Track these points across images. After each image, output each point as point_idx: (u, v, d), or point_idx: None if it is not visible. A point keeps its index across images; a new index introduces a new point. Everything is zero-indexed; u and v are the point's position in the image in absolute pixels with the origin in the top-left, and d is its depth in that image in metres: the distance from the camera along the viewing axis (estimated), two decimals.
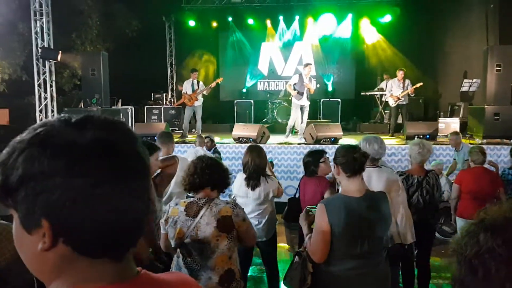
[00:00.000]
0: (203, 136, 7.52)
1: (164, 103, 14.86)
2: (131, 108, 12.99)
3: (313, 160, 4.04)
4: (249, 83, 15.71)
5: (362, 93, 13.36)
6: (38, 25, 10.55)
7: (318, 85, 14.05)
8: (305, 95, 9.22)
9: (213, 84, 10.36)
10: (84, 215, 0.66)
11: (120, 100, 13.33)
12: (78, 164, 0.65)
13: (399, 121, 10.56)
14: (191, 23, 15.13)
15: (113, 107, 12.08)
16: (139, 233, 0.75)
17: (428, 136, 8.80)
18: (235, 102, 14.07)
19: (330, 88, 15.07)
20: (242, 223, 2.60)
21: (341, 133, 8.99)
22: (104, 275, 0.72)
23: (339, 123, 10.71)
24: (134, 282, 0.76)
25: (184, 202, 2.64)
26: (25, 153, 0.66)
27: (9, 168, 0.66)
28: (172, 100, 15.62)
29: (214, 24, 15.24)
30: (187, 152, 6.57)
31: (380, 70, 14.34)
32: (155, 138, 4.74)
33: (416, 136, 8.65)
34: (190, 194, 4.51)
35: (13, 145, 0.68)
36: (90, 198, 0.65)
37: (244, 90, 15.58)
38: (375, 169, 3.49)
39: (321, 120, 12.79)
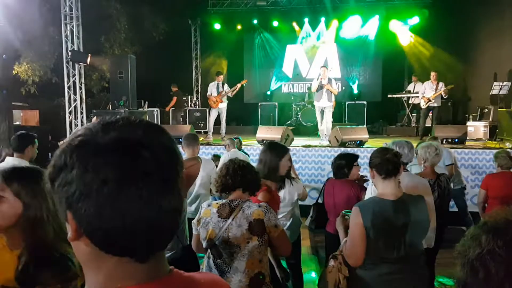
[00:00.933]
0: (232, 138, 7.38)
1: (189, 105, 15.02)
2: (157, 110, 13.19)
3: (346, 162, 4.00)
4: (273, 85, 15.71)
5: (389, 96, 13.17)
6: (68, 28, 10.82)
7: (343, 88, 13.94)
8: (325, 96, 9.21)
9: (238, 86, 10.40)
10: (95, 210, 0.67)
11: (146, 102, 13.55)
12: (91, 160, 0.67)
13: (428, 124, 10.38)
14: (217, 26, 15.25)
15: (139, 109, 12.27)
16: (160, 236, 0.74)
17: (456, 140, 8.61)
18: (259, 104, 14.09)
19: (355, 91, 14.91)
20: (274, 229, 2.56)
21: (367, 136, 8.87)
22: (132, 274, 0.73)
23: (365, 126, 10.59)
24: (164, 281, 0.76)
25: (217, 203, 2.65)
26: (61, 147, 0.72)
27: (53, 159, 0.72)
28: (197, 103, 15.77)
29: (239, 27, 15.34)
30: (224, 156, 6.40)
31: (408, 72, 14.12)
32: (180, 140, 4.78)
33: (445, 140, 8.50)
34: (213, 196, 4.54)
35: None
36: (100, 195, 0.67)
37: (269, 93, 15.60)
38: (406, 173, 3.44)
39: (346, 123, 12.68)
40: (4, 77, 8.16)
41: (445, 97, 10.11)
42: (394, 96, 13.00)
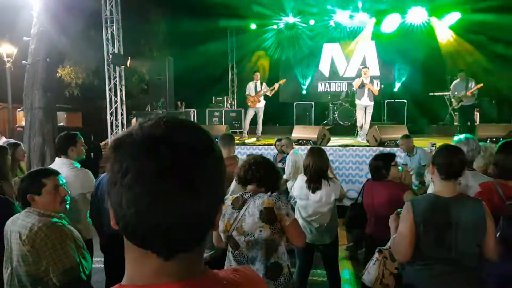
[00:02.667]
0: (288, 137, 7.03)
1: (225, 105, 15.13)
2: (193, 111, 13.36)
3: (383, 163, 3.88)
4: (309, 84, 15.58)
5: (430, 94, 12.79)
6: (109, 32, 11.12)
7: (382, 86, 13.65)
8: (366, 95, 9.08)
9: (276, 86, 10.34)
10: (116, 198, 0.70)
11: (183, 103, 13.76)
12: (120, 153, 0.71)
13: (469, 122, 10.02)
14: (252, 26, 15.27)
15: (177, 110, 12.47)
16: (178, 236, 0.71)
17: (501, 139, 8.24)
18: (295, 103, 13.99)
19: (395, 89, 14.56)
20: (285, 217, 2.60)
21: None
22: (159, 270, 0.72)
23: (405, 125, 10.31)
24: (196, 281, 0.75)
25: (232, 196, 2.75)
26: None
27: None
28: (233, 103, 15.86)
29: (275, 26, 15.29)
30: (289, 157, 6.19)
31: (450, 69, 13.67)
32: (217, 139, 4.80)
33: (489, 139, 8.16)
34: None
35: None
36: (121, 184, 0.69)
37: (304, 92, 15.47)
38: (470, 172, 3.23)
39: (386, 122, 12.40)
40: (49, 80, 8.46)
41: (474, 96, 9.69)
42: (436, 94, 12.62)
